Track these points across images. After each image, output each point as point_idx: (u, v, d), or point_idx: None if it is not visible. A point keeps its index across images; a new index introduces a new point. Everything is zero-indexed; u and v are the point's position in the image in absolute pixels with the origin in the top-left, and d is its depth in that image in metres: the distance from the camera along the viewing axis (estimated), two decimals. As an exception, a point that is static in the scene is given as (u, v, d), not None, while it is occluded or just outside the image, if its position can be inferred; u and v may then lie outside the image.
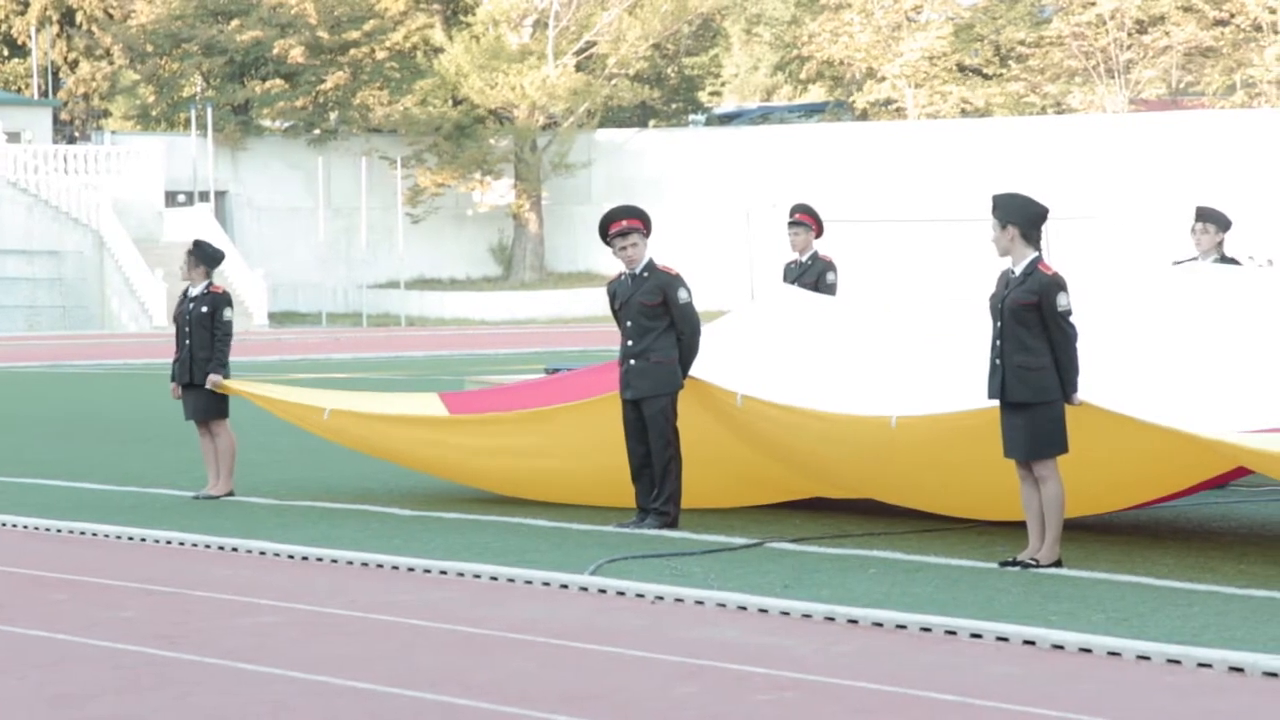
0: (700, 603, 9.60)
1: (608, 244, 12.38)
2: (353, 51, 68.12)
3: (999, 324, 10.31)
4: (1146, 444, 10.51)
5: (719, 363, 12.67)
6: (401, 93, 67.98)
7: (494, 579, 10.51)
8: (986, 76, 69.77)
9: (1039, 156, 61.62)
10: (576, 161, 66.33)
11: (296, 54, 67.04)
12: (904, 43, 67.63)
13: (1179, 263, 13.73)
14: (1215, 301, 11.91)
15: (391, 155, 65.79)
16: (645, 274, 12.29)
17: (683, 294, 12.24)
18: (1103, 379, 10.59)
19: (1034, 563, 10.25)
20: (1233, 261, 13.53)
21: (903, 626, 8.81)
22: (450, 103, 67.70)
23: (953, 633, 8.65)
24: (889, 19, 68.03)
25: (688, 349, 12.25)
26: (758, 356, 12.97)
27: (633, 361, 12.24)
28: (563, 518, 12.67)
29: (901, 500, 12.28)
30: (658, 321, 12.20)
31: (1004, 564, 10.35)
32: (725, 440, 12.69)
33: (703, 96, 77.80)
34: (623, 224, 12.23)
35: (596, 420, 12.74)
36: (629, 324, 12.28)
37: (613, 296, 12.48)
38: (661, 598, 9.77)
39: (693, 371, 12.37)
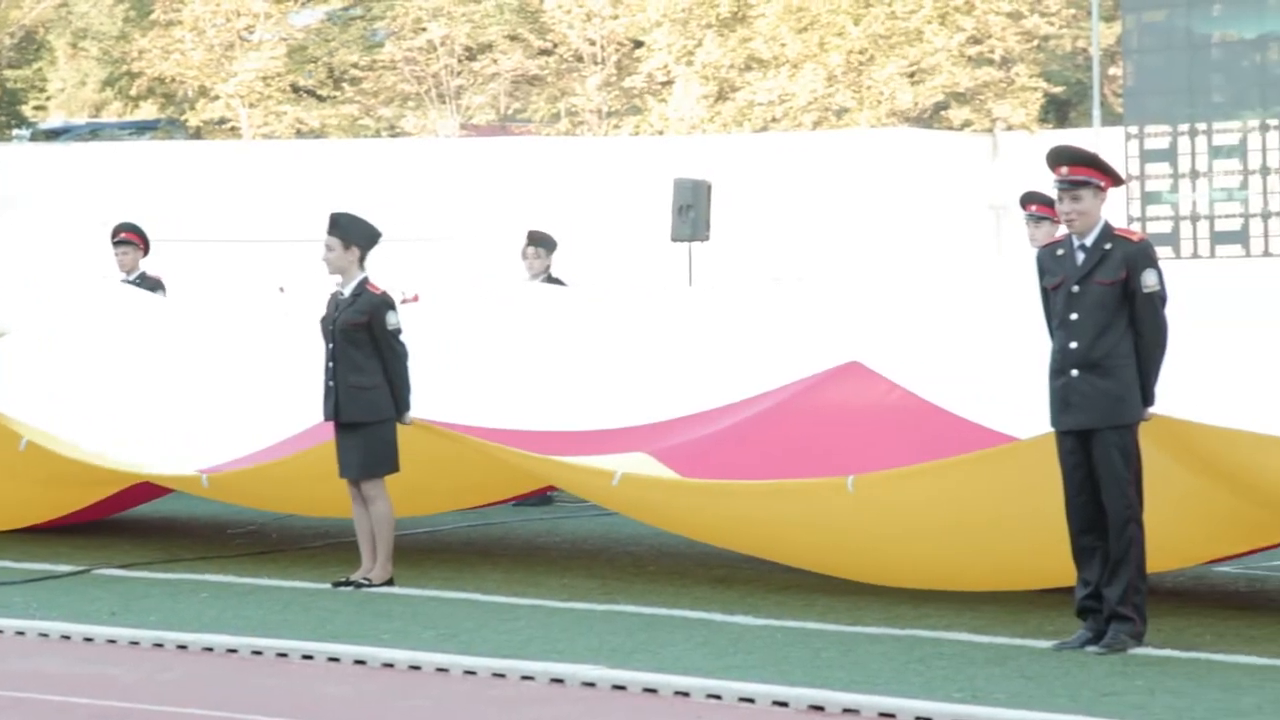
0: (21, 633, 9.28)
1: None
2: None
3: (331, 345, 10.36)
4: (476, 458, 10.77)
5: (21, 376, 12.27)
6: None
7: None
8: (321, 98, 69.96)
9: (374, 178, 62.10)
10: (-109, 175, 63.06)
11: None
12: (237, 62, 67.13)
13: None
14: (545, 321, 12.31)
15: None
16: None
17: None
18: (441, 395, 10.79)
19: (367, 582, 10.33)
20: (558, 282, 14.13)
21: (234, 650, 8.74)
22: None
23: (284, 655, 8.64)
24: (221, 38, 67.40)
25: None
26: (62, 366, 12.62)
27: None
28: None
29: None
30: None
31: (337, 584, 10.39)
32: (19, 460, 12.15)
33: (27, 111, 75.18)
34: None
35: None
36: None
37: None
38: (-20, 630, 9.40)
39: None
